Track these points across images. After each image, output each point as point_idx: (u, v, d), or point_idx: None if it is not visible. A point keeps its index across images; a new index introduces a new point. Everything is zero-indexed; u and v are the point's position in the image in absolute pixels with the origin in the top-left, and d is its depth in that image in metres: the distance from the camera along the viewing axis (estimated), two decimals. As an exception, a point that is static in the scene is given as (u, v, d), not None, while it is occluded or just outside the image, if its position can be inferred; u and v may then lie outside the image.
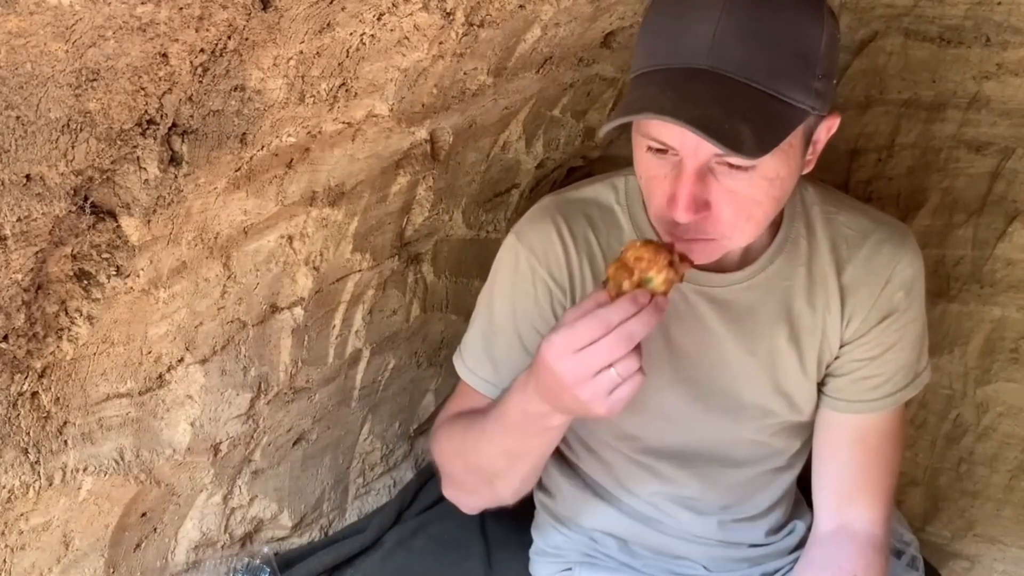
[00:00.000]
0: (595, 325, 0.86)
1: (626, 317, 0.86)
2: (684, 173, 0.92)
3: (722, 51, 0.88)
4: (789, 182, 0.97)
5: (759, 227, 0.99)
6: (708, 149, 0.89)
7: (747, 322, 1.13)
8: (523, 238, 1.15)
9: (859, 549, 1.14)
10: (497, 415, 1.03)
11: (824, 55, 0.92)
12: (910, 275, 1.13)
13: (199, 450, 1.18)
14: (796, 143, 0.94)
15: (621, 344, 0.86)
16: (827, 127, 0.98)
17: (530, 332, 1.15)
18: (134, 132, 0.85)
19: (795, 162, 0.96)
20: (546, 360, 0.89)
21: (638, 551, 1.28)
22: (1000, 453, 1.80)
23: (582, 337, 0.87)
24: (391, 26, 0.98)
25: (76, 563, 1.07)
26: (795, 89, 0.90)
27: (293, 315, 1.25)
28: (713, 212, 0.94)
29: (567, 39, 1.28)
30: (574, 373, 0.87)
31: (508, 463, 1.08)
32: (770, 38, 0.89)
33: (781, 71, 0.89)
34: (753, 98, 0.88)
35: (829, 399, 1.17)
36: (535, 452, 1.06)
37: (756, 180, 0.92)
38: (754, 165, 0.91)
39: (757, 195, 0.94)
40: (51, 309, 0.91)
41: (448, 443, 1.16)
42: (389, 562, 1.42)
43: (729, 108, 0.86)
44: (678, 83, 0.89)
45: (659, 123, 0.90)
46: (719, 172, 0.92)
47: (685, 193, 0.92)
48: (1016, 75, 1.52)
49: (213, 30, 0.79)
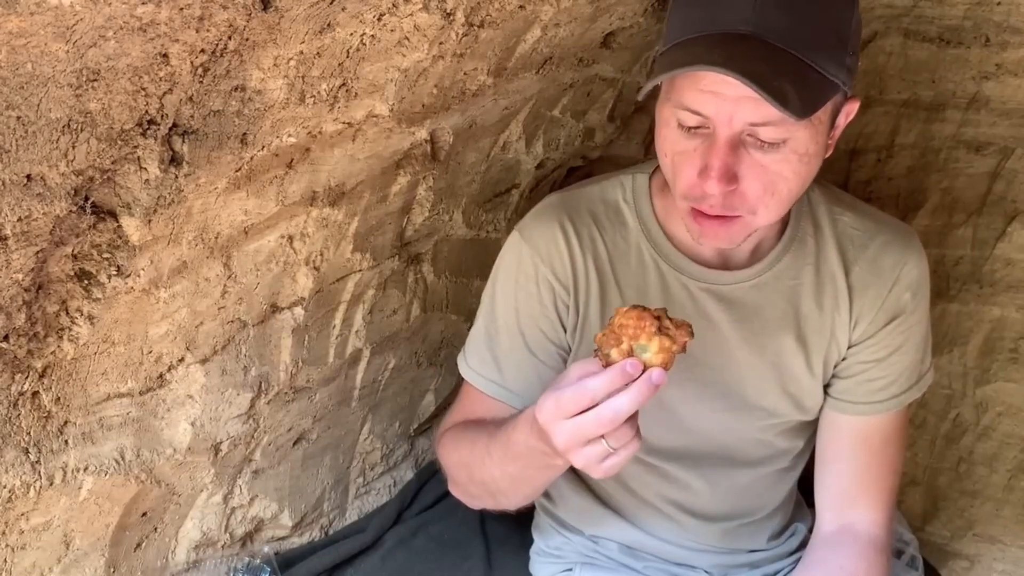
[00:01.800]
0: (580, 396, 0.84)
1: (612, 390, 0.83)
2: (717, 143, 0.92)
3: (763, 19, 0.90)
4: (815, 161, 0.97)
5: (782, 205, 0.98)
6: (744, 118, 0.90)
7: (754, 321, 1.13)
8: (527, 236, 1.15)
9: (861, 550, 1.14)
10: (503, 442, 1.01)
11: (854, 32, 0.95)
12: (916, 276, 1.13)
13: (199, 450, 1.19)
14: (824, 119, 0.95)
15: (606, 421, 0.83)
16: (848, 111, 1.00)
17: (534, 332, 1.15)
18: (135, 132, 0.85)
19: (822, 139, 0.97)
20: (539, 422, 0.88)
21: (639, 553, 1.27)
22: (999, 453, 1.80)
23: (568, 407, 0.85)
24: (391, 26, 0.98)
25: (77, 563, 1.08)
26: (830, 62, 0.91)
27: (293, 315, 1.25)
28: (740, 186, 0.94)
29: (567, 39, 1.28)
30: (565, 439, 0.86)
31: (512, 485, 1.07)
32: (807, 11, 0.91)
33: (819, 43, 0.91)
34: (794, 64, 0.89)
35: (834, 401, 1.17)
36: (539, 480, 1.06)
37: (787, 154, 0.93)
38: (786, 140, 0.92)
39: (785, 170, 0.94)
40: (52, 309, 0.91)
41: (455, 452, 1.16)
42: (389, 562, 1.42)
43: (776, 68, 0.88)
44: (725, 43, 0.90)
45: (698, 91, 0.91)
46: (750, 147, 0.93)
47: (719, 163, 0.92)
48: (1015, 75, 1.52)
49: (213, 30, 0.79)
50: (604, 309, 1.14)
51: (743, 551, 1.26)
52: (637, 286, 1.13)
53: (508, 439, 1.00)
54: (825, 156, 1.01)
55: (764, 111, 0.89)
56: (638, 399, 0.82)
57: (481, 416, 1.18)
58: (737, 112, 0.90)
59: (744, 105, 0.89)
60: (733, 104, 0.90)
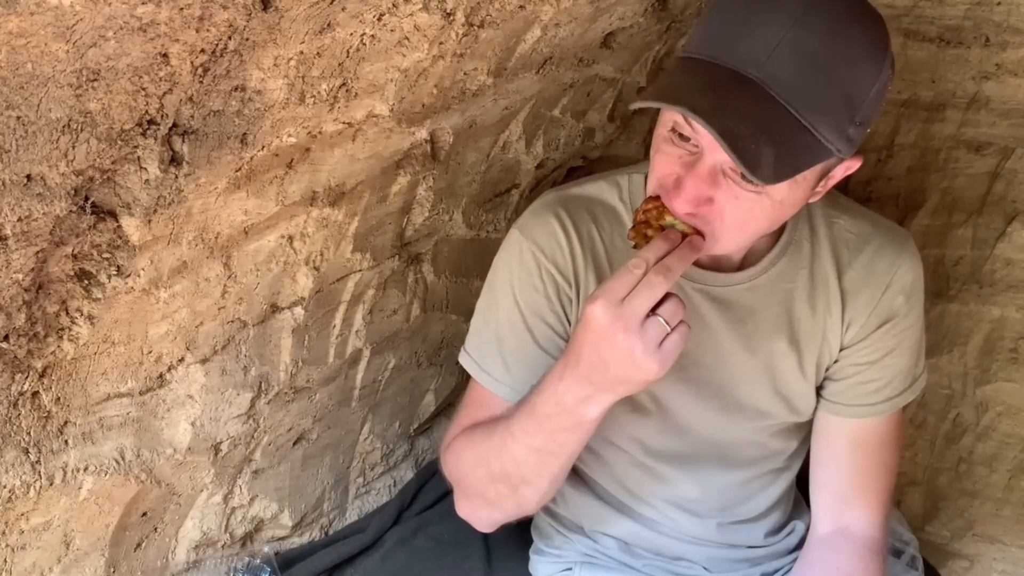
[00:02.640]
0: (631, 270, 0.87)
1: (661, 255, 0.88)
2: (700, 166, 0.92)
3: (775, 65, 0.86)
4: (791, 209, 0.97)
5: (746, 241, 1.00)
6: (724, 158, 0.89)
7: (748, 323, 1.13)
8: (526, 232, 1.15)
9: (857, 552, 1.14)
10: (527, 412, 1.00)
11: (870, 102, 0.91)
12: (910, 280, 1.13)
13: (200, 450, 1.19)
14: (810, 177, 0.94)
15: (660, 279, 0.86)
16: (846, 167, 0.97)
17: (541, 327, 1.14)
18: (135, 132, 0.85)
19: (804, 192, 0.96)
20: (591, 320, 0.89)
21: (638, 552, 1.28)
22: (999, 453, 1.80)
23: (620, 287, 0.88)
24: (391, 26, 0.98)
25: (77, 563, 1.08)
26: (829, 128, 0.88)
27: (293, 315, 1.25)
28: (716, 206, 0.93)
29: (567, 39, 1.28)
30: (623, 325, 0.87)
31: (537, 464, 1.04)
32: (824, 67, 0.87)
33: (822, 106, 0.88)
34: (786, 124, 0.87)
35: (827, 403, 1.17)
36: (566, 450, 1.02)
37: (762, 199, 0.92)
38: (763, 190, 0.91)
39: (757, 211, 0.94)
40: (52, 309, 0.91)
41: (468, 452, 1.12)
42: (389, 562, 1.42)
43: (760, 127, 0.85)
44: (721, 86, 0.87)
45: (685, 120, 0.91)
46: (731, 177, 0.92)
47: (691, 187, 0.92)
48: (1015, 75, 1.52)
49: (214, 30, 0.79)
50: None
51: (741, 547, 1.26)
52: None
53: (532, 409, 1.00)
54: (809, 201, 1.00)
55: None
56: (686, 257, 0.88)
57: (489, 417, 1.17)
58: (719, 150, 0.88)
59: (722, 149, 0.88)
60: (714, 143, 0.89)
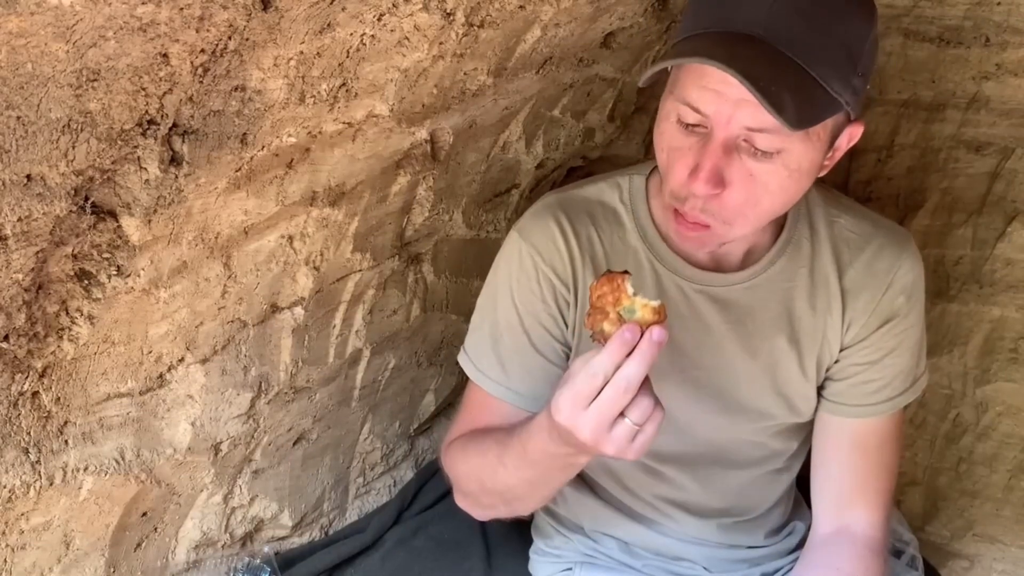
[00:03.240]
0: (591, 379, 0.83)
1: (619, 361, 0.83)
2: (712, 143, 0.92)
3: (775, 23, 0.89)
4: (805, 179, 0.97)
5: (760, 219, 0.98)
6: (742, 121, 0.90)
7: (748, 323, 1.13)
8: (526, 235, 1.15)
9: (858, 552, 1.14)
10: (518, 452, 1.01)
11: (867, 54, 0.94)
12: (911, 280, 1.13)
13: (200, 450, 1.19)
14: (823, 136, 0.94)
15: (620, 393, 0.83)
16: (850, 134, 0.99)
17: (538, 331, 1.15)
18: (135, 132, 0.85)
19: (817, 157, 0.96)
20: (559, 422, 0.87)
21: (638, 552, 1.28)
22: (999, 453, 1.80)
23: (583, 392, 0.84)
24: (391, 26, 0.98)
25: (77, 563, 1.08)
26: (835, 79, 0.90)
27: (293, 315, 1.25)
28: (724, 193, 0.94)
29: (567, 39, 1.28)
30: (590, 429, 0.85)
31: (530, 490, 1.06)
32: (822, 23, 0.90)
33: (826, 58, 0.90)
34: (798, 75, 0.89)
35: (828, 403, 1.17)
36: (558, 481, 1.05)
37: (778, 167, 0.93)
38: (780, 151, 0.91)
39: (772, 183, 0.94)
40: (52, 309, 0.91)
41: (463, 464, 1.14)
42: (389, 562, 1.42)
43: (777, 75, 0.87)
44: (730, 43, 0.89)
45: (700, 87, 0.91)
46: (743, 153, 0.92)
47: (710, 164, 0.92)
48: (1015, 75, 1.52)
49: (214, 30, 0.79)
50: None
51: (742, 547, 1.26)
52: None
53: (523, 448, 1.00)
54: (819, 175, 1.00)
55: (762, 117, 0.88)
56: (645, 361, 0.83)
57: (488, 421, 1.18)
58: (736, 114, 0.90)
59: (743, 108, 0.89)
60: (733, 106, 0.90)
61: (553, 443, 0.93)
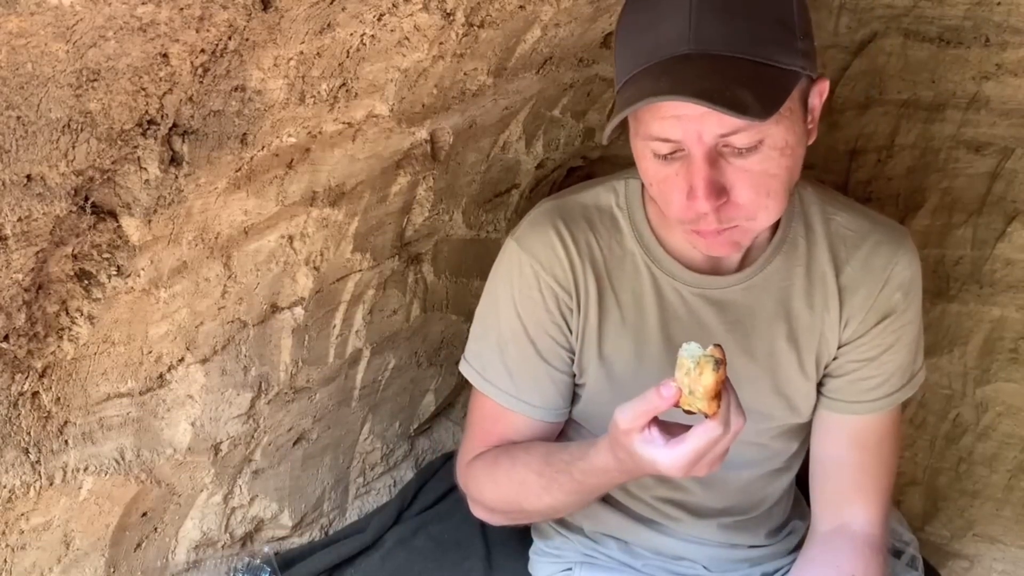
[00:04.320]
0: (719, 434, 0.89)
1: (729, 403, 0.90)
2: (695, 162, 0.92)
3: (702, 33, 0.89)
4: (799, 149, 0.97)
5: (780, 201, 0.98)
6: (712, 132, 0.90)
7: (746, 324, 1.13)
8: (524, 244, 1.15)
9: (857, 549, 1.14)
10: (575, 487, 1.07)
11: (799, 15, 0.94)
12: (908, 276, 1.13)
13: (200, 450, 1.19)
14: (795, 107, 0.95)
15: (743, 421, 0.91)
16: (819, 91, 0.99)
17: (544, 339, 1.15)
18: (135, 132, 0.85)
19: (798, 128, 0.96)
20: (671, 473, 0.92)
21: (638, 552, 1.28)
22: (999, 453, 1.80)
23: (706, 447, 0.90)
24: (391, 26, 0.99)
25: (77, 563, 1.08)
26: (782, 53, 0.91)
27: (293, 315, 1.25)
28: (732, 197, 0.94)
29: (567, 39, 1.29)
30: (707, 468, 0.93)
31: (578, 505, 1.14)
32: (745, 10, 0.91)
33: (765, 38, 0.91)
34: (745, 68, 0.89)
35: (827, 400, 1.17)
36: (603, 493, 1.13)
37: (767, 153, 0.93)
38: (762, 140, 0.92)
39: (771, 168, 0.94)
40: (52, 309, 0.91)
41: (494, 490, 1.18)
42: (389, 562, 1.42)
43: (726, 78, 0.87)
44: (670, 69, 0.89)
45: (660, 119, 0.91)
46: (729, 156, 0.93)
47: (701, 180, 0.92)
48: (1015, 75, 1.52)
49: (214, 30, 0.79)
50: (602, 314, 1.14)
51: (742, 547, 1.26)
52: (632, 291, 1.13)
53: (580, 484, 1.06)
54: (808, 142, 1.00)
55: (729, 121, 0.89)
56: None
57: (501, 434, 1.18)
58: (704, 129, 0.90)
59: (708, 121, 0.89)
60: (697, 123, 0.90)
61: (623, 477, 1.02)
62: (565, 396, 1.19)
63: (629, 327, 1.14)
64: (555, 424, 1.20)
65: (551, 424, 1.19)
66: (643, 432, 0.91)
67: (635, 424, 0.91)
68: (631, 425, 0.91)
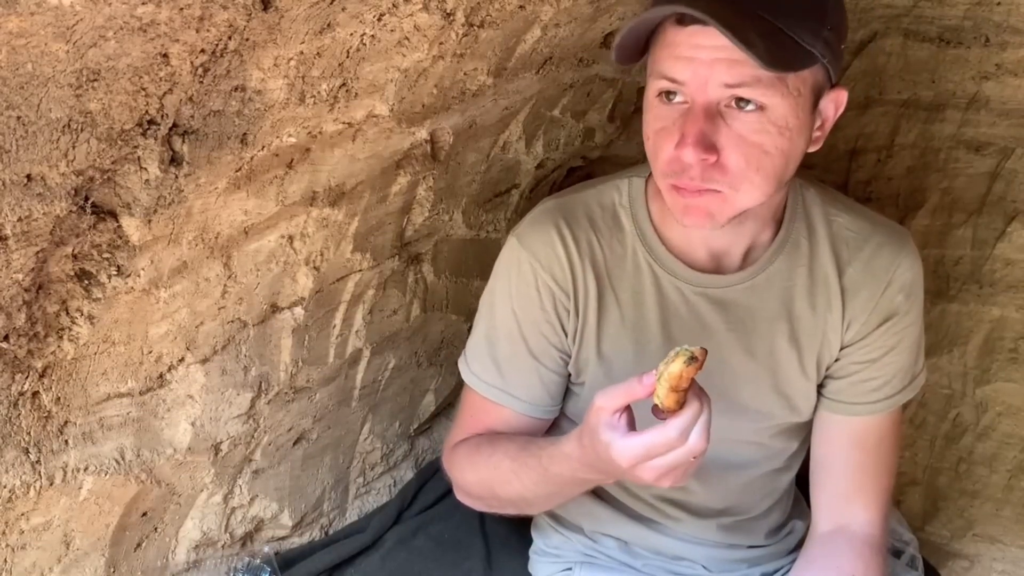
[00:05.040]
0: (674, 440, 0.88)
1: (698, 417, 0.89)
2: (693, 111, 0.94)
3: None
4: (797, 139, 0.97)
5: (767, 182, 0.98)
6: (719, 80, 0.91)
7: (747, 323, 1.13)
8: (524, 242, 1.15)
9: (857, 550, 1.14)
10: (538, 471, 1.06)
11: (833, 8, 0.96)
12: (910, 278, 1.13)
13: (200, 450, 1.19)
14: (805, 94, 0.95)
15: (704, 441, 0.89)
16: (835, 100, 1.00)
17: (536, 338, 1.15)
18: (135, 132, 0.85)
19: (803, 117, 0.96)
20: (619, 466, 0.91)
21: (638, 552, 1.28)
22: (999, 453, 1.80)
23: (660, 450, 0.89)
24: (391, 27, 0.99)
25: (77, 562, 1.08)
26: (803, 30, 0.92)
27: (293, 315, 1.25)
28: (721, 159, 0.94)
29: (567, 39, 1.29)
30: (655, 474, 0.91)
31: (544, 501, 1.15)
32: None
33: (790, 10, 0.92)
34: (766, 25, 0.90)
35: (828, 401, 1.17)
36: (573, 495, 1.13)
37: (765, 124, 0.93)
38: (763, 106, 0.92)
39: (766, 142, 0.94)
40: (52, 309, 0.91)
41: (472, 472, 1.18)
42: (389, 562, 1.42)
43: (745, 23, 0.88)
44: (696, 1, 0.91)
45: (673, 58, 0.93)
46: (728, 115, 0.93)
47: (694, 129, 0.93)
48: (1015, 75, 1.52)
49: (214, 30, 0.79)
50: (602, 313, 1.14)
51: (741, 547, 1.26)
52: (633, 290, 1.13)
53: (544, 471, 1.05)
54: (811, 148, 1.01)
55: (738, 71, 0.90)
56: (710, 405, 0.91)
57: (488, 425, 1.19)
58: (712, 75, 0.91)
59: (718, 67, 0.91)
60: (707, 68, 0.91)
61: (582, 471, 1.00)
62: (553, 395, 1.19)
63: (629, 326, 1.14)
64: (542, 420, 1.20)
65: (538, 420, 1.19)
66: (612, 415, 0.92)
67: (610, 403, 0.92)
68: (606, 403, 0.92)
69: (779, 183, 1.00)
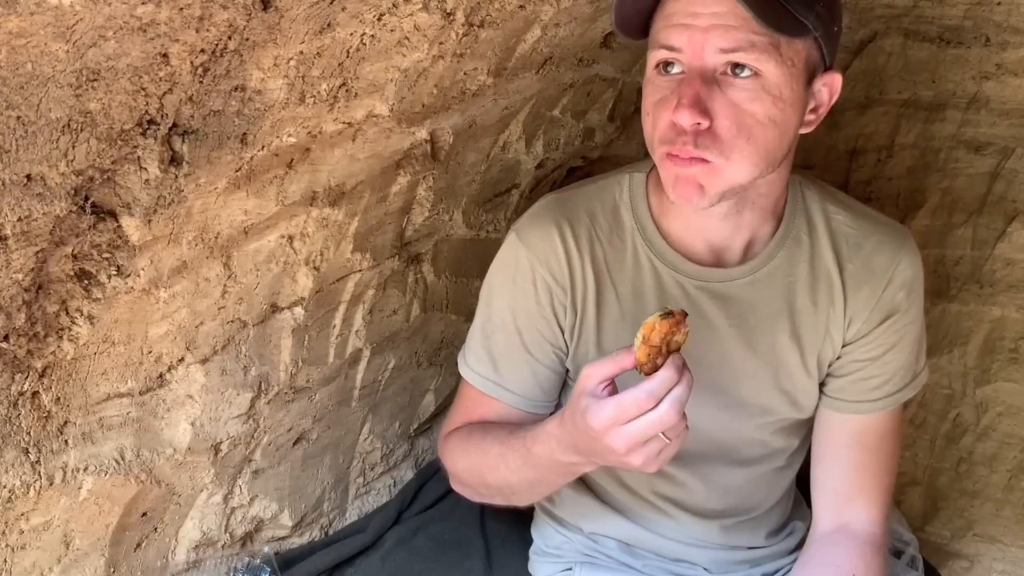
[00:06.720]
0: (647, 398, 0.87)
1: (671, 386, 0.88)
2: (689, 76, 0.95)
3: None
4: (791, 111, 0.98)
5: (758, 154, 0.98)
6: (715, 45, 0.93)
7: (749, 318, 1.13)
8: (524, 237, 1.15)
9: (858, 548, 1.14)
10: (522, 455, 1.05)
11: None
12: (910, 275, 1.13)
13: (199, 450, 1.19)
14: (799, 66, 0.96)
15: (674, 413, 0.87)
16: (828, 83, 1.01)
17: (531, 332, 1.15)
18: (135, 132, 0.85)
19: (797, 90, 0.97)
20: (594, 431, 0.90)
21: (639, 552, 1.28)
22: (999, 453, 1.80)
23: (630, 411, 0.88)
24: (391, 26, 0.99)
25: (77, 563, 1.08)
26: (797, 1, 0.92)
27: (293, 315, 1.25)
28: (714, 125, 0.95)
29: (567, 39, 1.29)
30: (626, 443, 0.89)
31: (529, 488, 1.13)
32: None
33: None
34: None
35: (829, 399, 1.17)
36: (556, 484, 1.12)
37: (759, 92, 0.94)
38: (758, 72, 0.93)
39: (758, 111, 0.95)
40: (52, 309, 0.91)
41: (463, 458, 1.18)
42: (389, 562, 1.42)
43: None
44: None
45: (671, 26, 0.95)
46: (724, 83, 0.95)
47: (690, 91, 0.94)
48: (1015, 75, 1.52)
49: (213, 30, 0.79)
50: (600, 309, 1.14)
51: (742, 548, 1.26)
52: (633, 285, 1.13)
53: (527, 452, 1.04)
54: (804, 130, 1.02)
55: (733, 35, 0.92)
56: (690, 382, 0.89)
57: (482, 416, 1.19)
58: (708, 41, 0.93)
59: (713, 33, 0.92)
60: (703, 34, 0.93)
61: (561, 452, 0.99)
62: (546, 390, 1.19)
63: (628, 321, 1.14)
64: (535, 415, 1.20)
65: (530, 415, 1.19)
66: (598, 385, 0.92)
67: (597, 372, 0.92)
68: (593, 372, 0.92)
69: (770, 159, 1.00)
